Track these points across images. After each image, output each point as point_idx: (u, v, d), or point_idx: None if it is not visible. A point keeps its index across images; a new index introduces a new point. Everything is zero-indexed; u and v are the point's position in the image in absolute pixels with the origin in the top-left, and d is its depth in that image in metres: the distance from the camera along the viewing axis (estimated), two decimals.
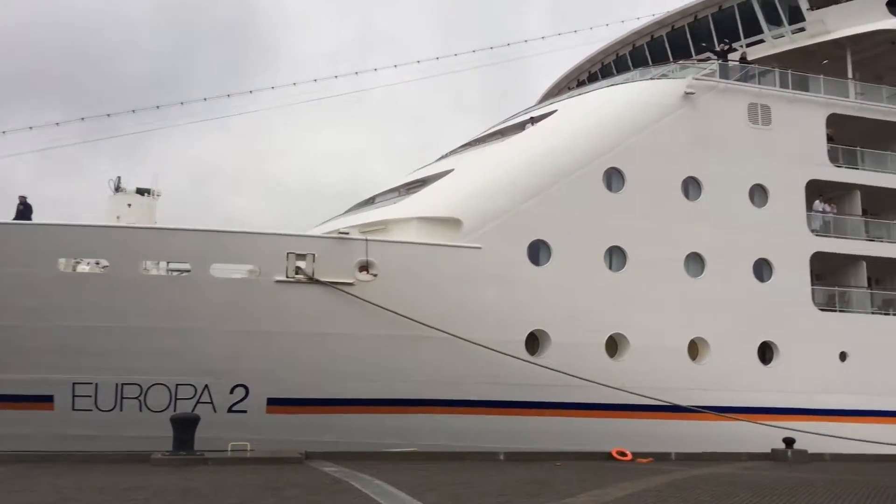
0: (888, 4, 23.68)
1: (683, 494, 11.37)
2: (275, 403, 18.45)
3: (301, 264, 17.92)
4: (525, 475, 13.73)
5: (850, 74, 24.58)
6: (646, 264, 20.58)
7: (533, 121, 22.47)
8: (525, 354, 19.13)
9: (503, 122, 25.22)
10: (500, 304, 19.19)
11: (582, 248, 20.23)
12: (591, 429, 19.38)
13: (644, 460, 17.37)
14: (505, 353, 18.32)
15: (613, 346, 20.24)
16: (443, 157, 24.73)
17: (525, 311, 19.46)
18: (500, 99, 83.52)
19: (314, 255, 18.09)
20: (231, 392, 18.26)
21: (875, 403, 21.98)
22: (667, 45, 26.72)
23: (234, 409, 18.31)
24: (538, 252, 19.96)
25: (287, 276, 17.99)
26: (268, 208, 76.32)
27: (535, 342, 19.60)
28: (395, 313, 17.95)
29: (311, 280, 17.94)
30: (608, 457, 17.54)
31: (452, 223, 19.61)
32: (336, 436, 18.38)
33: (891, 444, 20.54)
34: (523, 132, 22.17)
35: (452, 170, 21.54)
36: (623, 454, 17.62)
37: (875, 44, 24.52)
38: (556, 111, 22.66)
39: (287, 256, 17.98)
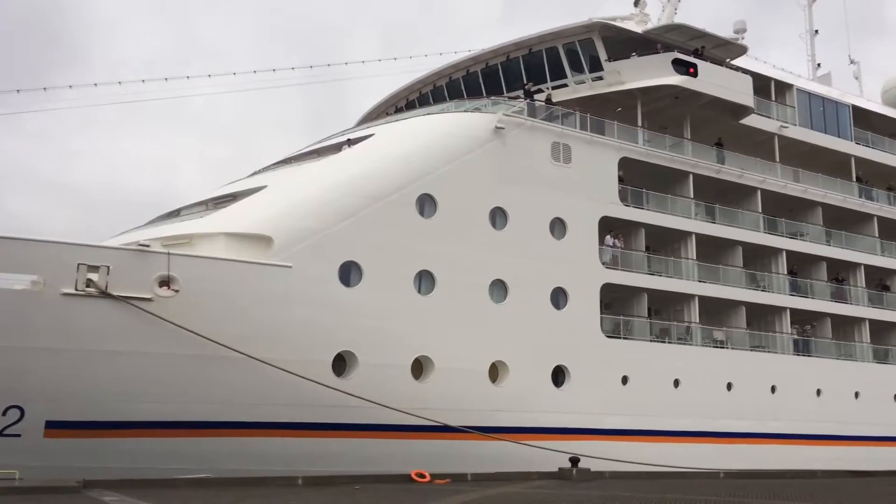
0: (673, 62, 26.32)
1: None
2: (55, 426, 16.98)
3: (93, 277, 16.72)
4: (323, 500, 13.62)
5: (639, 122, 27.00)
6: (453, 289, 21.29)
7: (350, 143, 22.60)
8: (331, 375, 19.07)
9: (320, 141, 25.12)
10: (309, 324, 19.00)
11: (393, 271, 20.56)
12: (394, 451, 19.64)
13: (442, 481, 17.82)
14: (298, 375, 18.04)
15: (419, 368, 20.70)
16: (256, 173, 24.15)
17: (333, 332, 19.39)
18: (320, 119, 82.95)
19: (108, 267, 16.96)
20: (3, 414, 16.59)
21: (651, 424, 24.08)
22: (481, 80, 27.94)
23: (5, 432, 16.63)
24: (349, 273, 20.04)
25: (76, 289, 16.71)
26: (60, 214, 69.85)
27: (343, 363, 19.61)
28: (193, 332, 17.21)
29: (104, 294, 16.78)
30: (408, 479, 17.81)
31: (262, 240, 19.19)
32: (125, 462, 17.24)
33: (665, 465, 22.57)
34: (340, 153, 22.23)
35: (265, 186, 21.14)
36: (422, 476, 17.97)
37: (661, 96, 27.11)
38: (373, 135, 22.96)
39: (77, 268, 16.72)
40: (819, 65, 39.26)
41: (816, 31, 40.04)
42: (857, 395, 29.37)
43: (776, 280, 29.32)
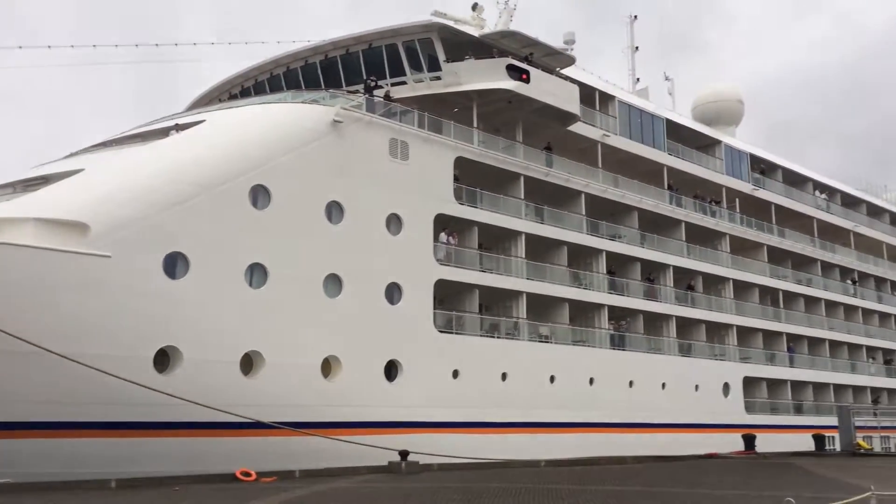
0: (507, 68, 27.30)
1: None
2: None
3: None
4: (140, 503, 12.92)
5: (475, 124, 27.80)
6: (286, 283, 20.88)
7: (178, 128, 21.53)
8: (152, 372, 18.11)
9: (146, 125, 23.76)
10: (129, 317, 17.93)
11: (222, 263, 19.83)
12: (219, 449, 18.94)
13: (268, 479, 17.44)
14: (109, 374, 16.96)
15: (250, 363, 20.13)
16: (72, 155, 22.48)
17: (156, 326, 18.43)
18: (149, 102, 78.49)
19: None
20: None
21: (480, 416, 24.86)
22: (319, 72, 27.60)
23: None
24: (175, 265, 19.09)
25: None
26: None
27: (166, 358, 18.68)
28: None
29: None
30: (232, 478, 17.27)
31: (78, 228, 17.84)
32: None
33: (491, 456, 23.37)
34: (167, 138, 21.11)
35: (82, 170, 19.67)
36: (247, 474, 17.49)
37: (496, 100, 28.06)
38: (204, 121, 22.02)
39: None
40: (638, 79, 42.34)
41: (637, 48, 43.15)
42: (663, 385, 31.88)
43: (596, 279, 31.24)
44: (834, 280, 45.58)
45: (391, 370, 23.22)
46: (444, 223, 25.93)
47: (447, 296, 26.47)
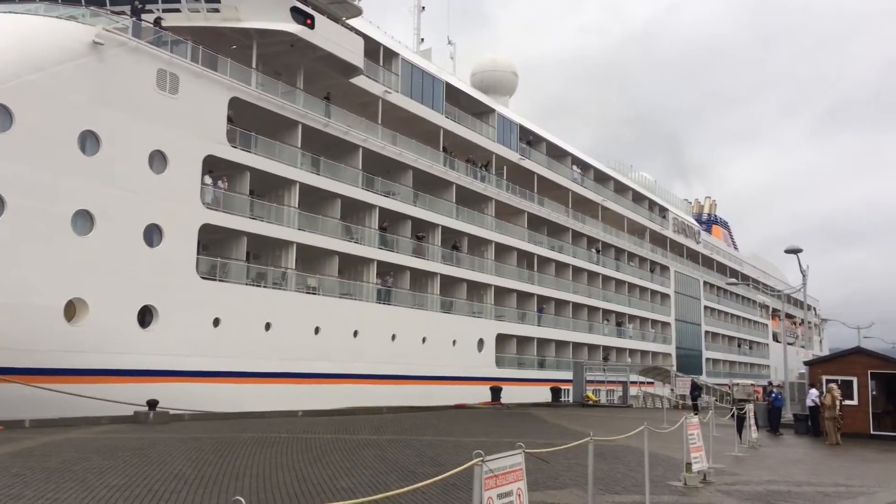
0: (292, 10, 26.40)
1: (30, 463, 10.79)
2: None
3: None
4: None
5: (254, 64, 26.68)
6: (26, 215, 18.86)
7: None
8: None
9: None
10: None
11: None
12: None
13: None
14: None
15: None
16: None
17: None
18: None
19: None
20: None
21: (241, 366, 24.36)
22: None
23: None
24: None
25: None
26: None
27: None
28: None
29: None
30: None
31: None
32: None
33: (251, 406, 23.05)
34: None
35: None
36: None
37: (277, 42, 27.06)
38: None
39: None
40: (423, 39, 43.12)
41: (423, 8, 43.77)
42: (424, 340, 33.31)
43: (368, 233, 31.68)
44: (582, 248, 50.10)
45: (146, 316, 21.98)
46: (213, 165, 24.77)
47: (213, 241, 25.46)
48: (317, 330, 27.68)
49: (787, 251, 32.56)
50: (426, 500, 8.91)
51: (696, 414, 13.10)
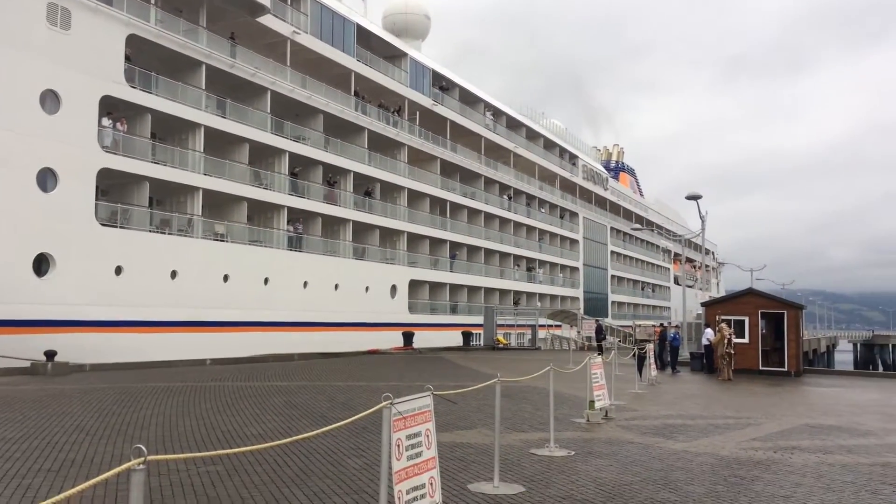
0: None
1: None
2: None
3: None
4: None
5: (153, 0, 25.33)
6: None
7: None
8: None
9: None
10: None
11: None
12: None
13: None
14: None
15: None
16: None
17: None
18: None
19: None
20: None
21: (145, 315, 23.69)
22: None
23: None
24: None
25: None
26: None
27: None
28: None
29: None
30: None
31: None
32: None
33: (155, 356, 22.51)
34: None
35: None
36: None
37: None
38: None
39: None
40: None
41: None
42: (336, 287, 33.18)
43: (278, 179, 31.02)
44: (494, 195, 50.62)
45: (42, 264, 21.01)
46: (111, 107, 23.59)
47: (113, 187, 24.41)
48: (225, 278, 27.15)
49: (688, 197, 33.79)
50: (337, 443, 9.00)
51: (599, 355, 13.63)
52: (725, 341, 22.08)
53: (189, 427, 9.97)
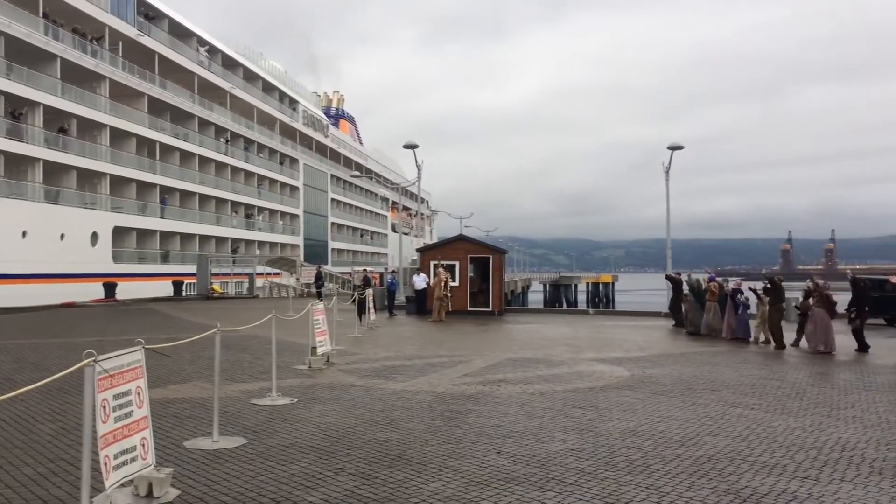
0: None
1: None
2: None
3: None
4: None
5: None
6: None
7: None
8: None
9: None
10: None
11: None
12: None
13: None
14: None
15: None
16: None
17: None
18: None
19: None
20: None
21: None
22: None
23: None
24: None
25: None
26: None
27: None
28: None
29: None
30: None
31: None
32: None
33: None
34: None
35: None
36: None
37: None
38: None
39: None
40: None
41: None
42: (24, 234, 29.38)
43: None
44: (209, 137, 47.99)
45: None
46: None
47: None
48: None
49: (405, 146, 34.85)
50: (27, 409, 7.95)
51: (320, 301, 13.63)
52: (442, 284, 23.35)
53: None
